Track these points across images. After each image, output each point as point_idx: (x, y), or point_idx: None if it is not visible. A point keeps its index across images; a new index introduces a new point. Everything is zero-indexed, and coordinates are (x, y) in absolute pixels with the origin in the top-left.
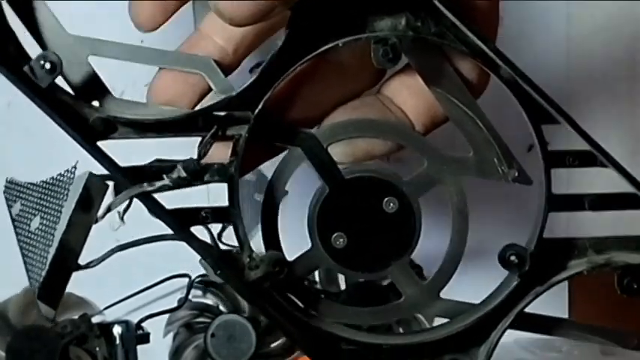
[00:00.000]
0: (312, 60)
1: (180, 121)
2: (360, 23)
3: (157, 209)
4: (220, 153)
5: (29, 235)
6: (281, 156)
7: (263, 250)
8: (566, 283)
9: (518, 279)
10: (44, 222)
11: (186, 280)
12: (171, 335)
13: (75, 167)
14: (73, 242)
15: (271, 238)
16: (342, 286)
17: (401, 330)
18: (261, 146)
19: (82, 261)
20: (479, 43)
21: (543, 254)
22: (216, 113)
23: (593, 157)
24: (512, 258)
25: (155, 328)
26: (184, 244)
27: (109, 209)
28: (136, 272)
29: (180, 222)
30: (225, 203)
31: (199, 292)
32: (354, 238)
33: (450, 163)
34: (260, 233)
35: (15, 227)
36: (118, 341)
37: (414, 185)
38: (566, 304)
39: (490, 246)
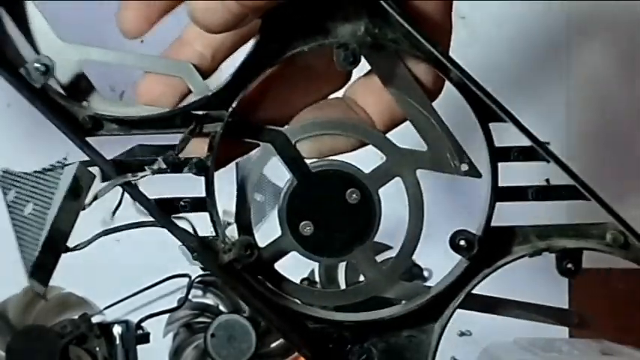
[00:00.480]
0: (281, 63)
1: (161, 119)
2: (323, 30)
3: (140, 198)
4: (198, 148)
5: (23, 219)
6: None
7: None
8: (566, 283)
9: (467, 262)
10: (37, 208)
11: (186, 280)
12: (171, 335)
13: (65, 159)
14: (63, 226)
15: (244, 225)
16: (342, 286)
17: None
18: (235, 142)
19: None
20: (430, 48)
21: (490, 240)
22: (194, 112)
23: (535, 152)
24: (462, 242)
25: (155, 328)
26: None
27: (95, 197)
28: (136, 272)
29: (162, 210)
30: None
31: (199, 292)
32: (320, 225)
33: (407, 158)
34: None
35: (10, 212)
36: (118, 341)
37: (374, 178)
38: (567, 305)
39: (444, 232)
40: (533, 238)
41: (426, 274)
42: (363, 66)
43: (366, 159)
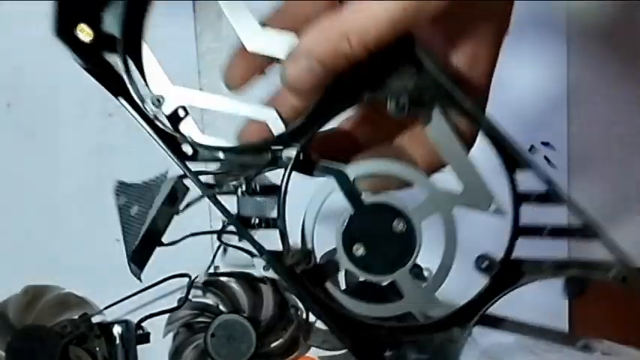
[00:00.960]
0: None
1: (247, 149)
2: (380, 83)
3: (224, 211)
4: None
5: (129, 219)
6: None
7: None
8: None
9: (489, 281)
10: (141, 209)
11: (186, 279)
12: (171, 335)
13: (167, 172)
14: (159, 225)
15: (304, 250)
16: (343, 286)
17: None
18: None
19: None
20: (462, 104)
21: (509, 267)
22: (273, 147)
23: (553, 195)
24: (484, 265)
25: (155, 328)
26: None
27: (188, 205)
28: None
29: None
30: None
31: (199, 292)
32: (370, 248)
33: (446, 197)
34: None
35: (120, 214)
36: (118, 341)
37: (417, 212)
38: (567, 304)
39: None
40: (545, 268)
41: (426, 273)
42: None
43: (413, 195)
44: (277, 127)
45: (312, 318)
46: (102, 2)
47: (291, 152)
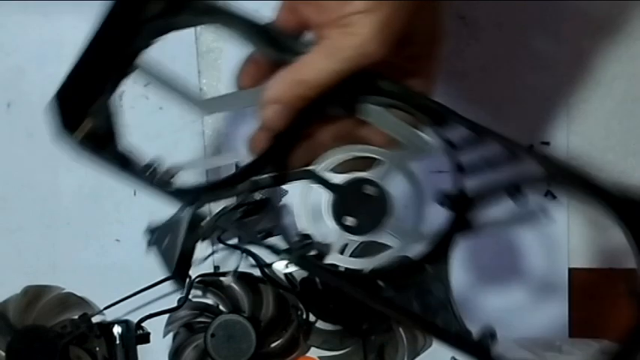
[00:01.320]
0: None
1: (228, 181)
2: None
3: (237, 228)
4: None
5: (164, 250)
6: None
7: None
8: (566, 282)
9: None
10: (171, 239)
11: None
12: (171, 335)
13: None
14: (188, 249)
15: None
16: None
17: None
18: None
19: None
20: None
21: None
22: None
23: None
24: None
25: (155, 328)
26: None
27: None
28: (136, 272)
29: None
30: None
31: (199, 292)
32: (357, 215)
33: (397, 156)
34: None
35: (156, 248)
36: (118, 341)
37: (379, 173)
38: (567, 305)
39: None
40: (492, 188)
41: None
42: None
43: None
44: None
45: (312, 318)
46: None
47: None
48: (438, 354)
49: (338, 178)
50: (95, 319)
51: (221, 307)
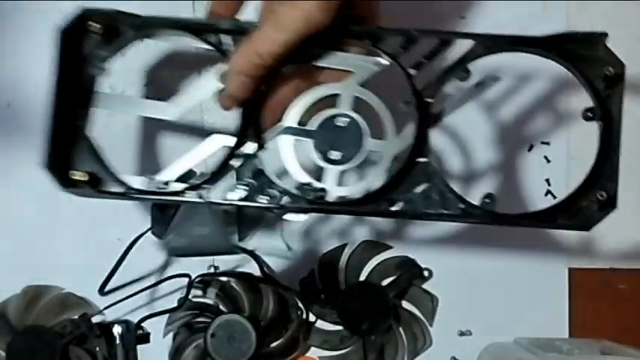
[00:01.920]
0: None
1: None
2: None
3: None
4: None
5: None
6: None
7: None
8: (566, 282)
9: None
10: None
11: (186, 279)
12: (171, 335)
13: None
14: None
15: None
16: (342, 286)
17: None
18: None
19: None
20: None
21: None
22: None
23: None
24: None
25: (155, 328)
26: None
27: None
28: (136, 272)
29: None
30: None
31: (199, 292)
32: (339, 147)
33: (351, 84)
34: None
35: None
36: (118, 341)
37: (344, 104)
38: (567, 305)
39: None
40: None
41: (425, 273)
42: None
43: None
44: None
45: (311, 318)
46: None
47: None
48: (438, 354)
49: (310, 124)
50: (95, 319)
51: (221, 307)
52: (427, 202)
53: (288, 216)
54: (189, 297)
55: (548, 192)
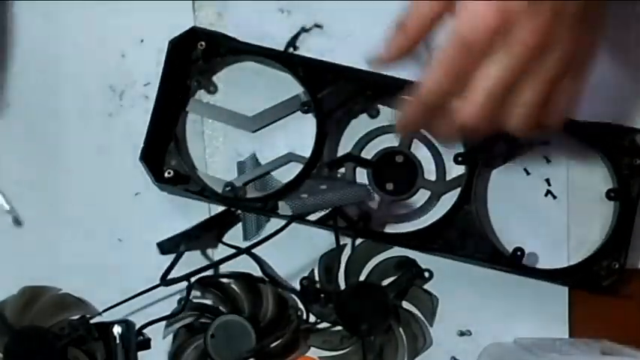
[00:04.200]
0: None
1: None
2: None
3: None
4: None
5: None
6: None
7: None
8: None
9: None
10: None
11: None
12: (171, 336)
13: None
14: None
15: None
16: (342, 286)
17: None
18: None
19: None
20: None
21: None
22: None
23: None
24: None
25: (155, 328)
26: None
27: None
28: (136, 273)
29: None
30: None
31: (198, 293)
32: (395, 180)
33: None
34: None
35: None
36: (118, 341)
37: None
38: (567, 305)
39: None
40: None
41: (426, 274)
42: None
43: None
44: None
45: (311, 318)
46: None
47: None
48: (438, 354)
49: (370, 155)
50: (94, 320)
51: (221, 308)
52: (463, 243)
53: None
54: (189, 297)
55: (548, 192)
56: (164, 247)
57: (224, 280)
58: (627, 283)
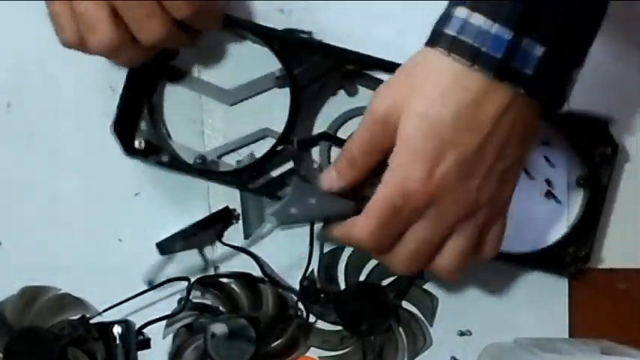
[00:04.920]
0: None
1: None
2: None
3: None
4: None
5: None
6: None
7: None
8: (566, 282)
9: None
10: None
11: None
12: (171, 336)
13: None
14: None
15: None
16: (342, 286)
17: None
18: None
19: None
20: None
21: None
22: None
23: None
24: None
25: (154, 329)
26: None
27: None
28: (135, 274)
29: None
30: None
31: (198, 293)
32: None
33: None
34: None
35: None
36: (118, 341)
37: None
38: (567, 305)
39: None
40: None
41: (425, 274)
42: None
43: None
44: None
45: (311, 318)
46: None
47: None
48: (438, 354)
49: (346, 135)
50: (94, 320)
51: (221, 308)
52: None
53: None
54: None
55: (548, 192)
56: (163, 247)
57: (224, 280)
58: (627, 283)
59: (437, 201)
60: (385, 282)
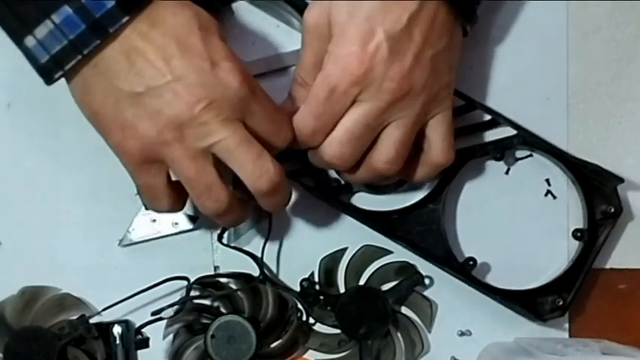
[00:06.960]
0: None
1: None
2: None
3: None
4: None
5: None
6: None
7: None
8: None
9: None
10: None
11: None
12: (170, 337)
13: None
14: None
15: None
16: (342, 289)
17: None
18: None
19: None
20: None
21: None
22: None
23: None
24: None
25: (155, 329)
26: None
27: None
28: (135, 274)
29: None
30: None
31: (198, 293)
32: None
33: None
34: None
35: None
36: (118, 341)
37: None
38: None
39: None
40: None
41: (427, 281)
42: None
43: None
44: None
45: (311, 320)
46: None
47: None
48: (438, 354)
49: None
50: (94, 320)
51: (221, 309)
52: (422, 239)
53: None
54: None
55: (548, 192)
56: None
57: (224, 280)
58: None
59: (372, 76)
60: (385, 287)
